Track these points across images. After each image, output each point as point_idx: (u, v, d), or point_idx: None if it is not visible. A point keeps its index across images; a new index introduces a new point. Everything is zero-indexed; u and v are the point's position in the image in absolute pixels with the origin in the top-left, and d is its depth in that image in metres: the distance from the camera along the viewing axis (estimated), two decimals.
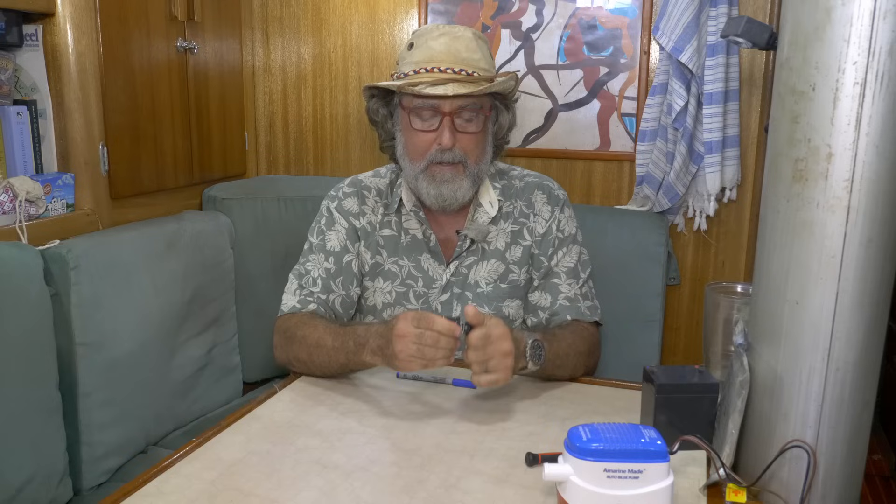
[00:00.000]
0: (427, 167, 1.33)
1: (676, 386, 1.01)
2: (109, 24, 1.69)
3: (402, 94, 1.33)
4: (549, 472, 0.85)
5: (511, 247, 1.43)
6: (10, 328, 1.31)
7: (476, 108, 1.32)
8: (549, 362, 1.21)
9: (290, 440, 1.07)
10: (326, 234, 1.43)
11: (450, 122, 1.30)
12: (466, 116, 1.31)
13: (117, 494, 0.93)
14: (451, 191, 1.33)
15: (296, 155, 2.44)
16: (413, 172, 1.35)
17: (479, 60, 1.32)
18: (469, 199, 1.37)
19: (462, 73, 1.29)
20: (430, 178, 1.33)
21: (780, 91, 0.89)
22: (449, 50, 1.30)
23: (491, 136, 1.39)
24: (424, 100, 1.30)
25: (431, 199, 1.35)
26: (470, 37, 1.33)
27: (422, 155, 1.33)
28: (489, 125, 1.37)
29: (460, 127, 1.31)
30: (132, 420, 1.58)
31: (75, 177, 1.65)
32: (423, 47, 1.32)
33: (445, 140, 1.30)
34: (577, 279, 1.42)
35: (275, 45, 2.38)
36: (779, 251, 0.90)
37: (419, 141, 1.33)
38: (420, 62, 1.31)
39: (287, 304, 1.39)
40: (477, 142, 1.34)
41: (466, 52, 1.31)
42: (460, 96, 1.28)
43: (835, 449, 0.88)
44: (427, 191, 1.34)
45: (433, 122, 1.31)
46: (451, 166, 1.32)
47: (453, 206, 1.36)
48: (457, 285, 1.42)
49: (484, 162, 1.37)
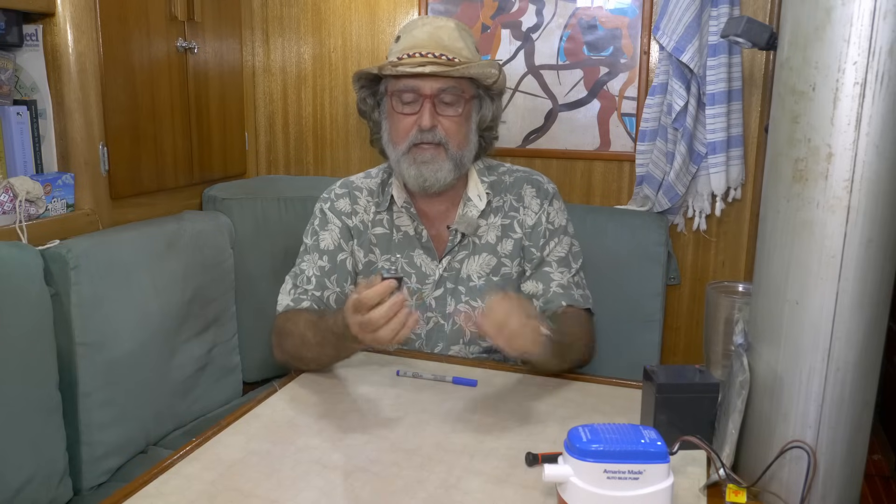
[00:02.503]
0: (409, 149, 1.36)
1: (676, 386, 1.01)
2: (109, 24, 1.69)
3: (386, 77, 1.37)
4: (549, 472, 0.85)
5: (502, 240, 1.45)
6: (10, 328, 1.31)
7: (457, 91, 1.35)
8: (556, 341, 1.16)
9: (290, 440, 1.07)
10: (320, 235, 1.45)
11: (430, 104, 1.33)
12: (447, 99, 1.34)
13: (117, 495, 0.93)
14: (432, 171, 1.35)
15: (296, 155, 2.44)
16: (396, 156, 1.38)
17: (461, 49, 1.35)
18: (451, 182, 1.39)
19: (443, 57, 1.32)
20: (412, 160, 1.36)
21: (780, 91, 0.89)
22: (431, 37, 1.34)
23: (475, 125, 1.41)
24: (406, 81, 1.33)
25: (412, 181, 1.37)
26: (453, 27, 1.37)
27: (404, 137, 1.36)
28: (472, 113, 1.40)
29: (441, 110, 1.34)
30: (132, 420, 1.58)
31: (75, 177, 1.65)
32: (408, 36, 1.37)
33: (425, 120, 1.32)
34: (569, 268, 1.44)
35: (275, 45, 2.38)
36: (779, 251, 0.90)
37: (402, 124, 1.36)
38: (403, 49, 1.35)
39: (282, 304, 1.41)
40: (458, 126, 1.36)
41: (449, 41, 1.35)
42: (438, 75, 1.31)
43: (835, 449, 0.88)
44: (408, 172, 1.37)
45: (415, 106, 1.34)
46: (431, 147, 1.35)
47: (435, 188, 1.37)
48: (450, 280, 1.44)
49: (467, 149, 1.39)
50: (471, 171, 1.46)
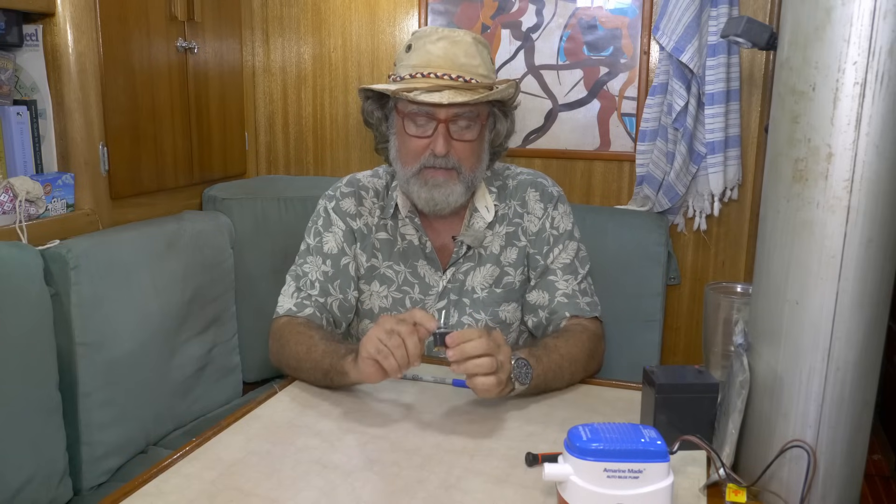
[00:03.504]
0: (420, 171, 1.31)
1: (676, 386, 1.01)
2: (109, 24, 1.69)
3: (397, 98, 1.31)
4: (549, 471, 0.85)
5: (506, 249, 1.41)
6: (10, 328, 1.31)
7: (472, 116, 1.29)
8: (540, 378, 1.19)
9: (290, 440, 1.07)
10: (324, 236, 1.41)
11: (445, 129, 1.27)
12: (462, 124, 1.29)
13: (117, 494, 0.93)
14: (444, 195, 1.31)
15: (296, 155, 2.44)
16: (405, 176, 1.33)
17: (477, 67, 1.29)
18: (462, 203, 1.35)
19: (459, 79, 1.26)
20: (423, 182, 1.31)
21: (780, 91, 0.89)
22: (447, 55, 1.27)
23: (487, 144, 1.36)
24: (419, 106, 1.27)
25: (423, 203, 1.33)
26: (469, 41, 1.29)
27: (415, 159, 1.31)
28: (486, 133, 1.35)
29: (455, 134, 1.29)
30: (132, 420, 1.58)
31: (75, 177, 1.65)
32: (421, 51, 1.29)
33: (439, 148, 1.27)
34: (575, 275, 1.40)
35: (275, 45, 2.38)
36: (779, 251, 0.90)
37: (413, 146, 1.30)
38: (417, 66, 1.28)
39: (283, 307, 1.37)
40: (472, 150, 1.31)
41: (465, 58, 1.28)
42: (456, 105, 1.26)
43: (835, 449, 0.88)
44: (419, 194, 1.32)
45: (427, 129, 1.29)
46: (444, 171, 1.30)
47: (445, 211, 1.34)
48: (453, 292, 1.40)
49: (479, 169, 1.35)
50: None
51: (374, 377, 1.10)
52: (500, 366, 1.08)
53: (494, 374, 1.07)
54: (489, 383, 1.07)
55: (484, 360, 1.07)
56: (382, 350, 1.07)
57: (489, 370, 1.07)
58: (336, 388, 1.24)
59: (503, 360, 1.09)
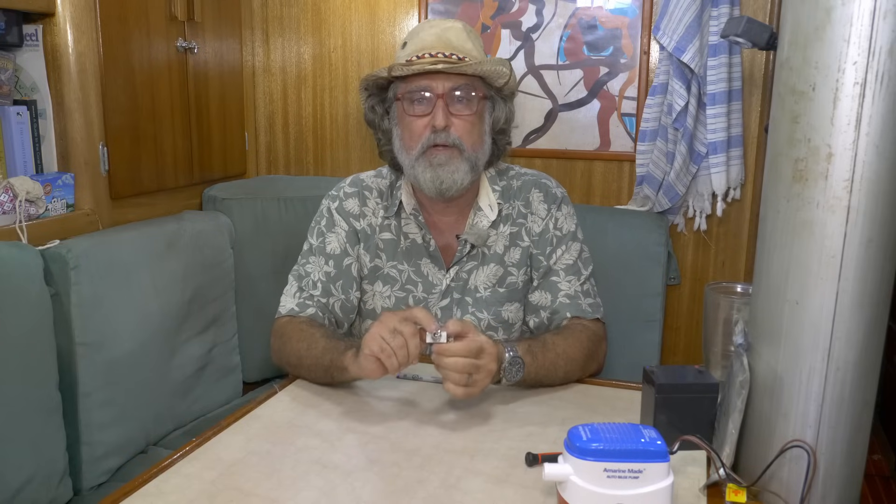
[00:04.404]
0: (423, 152, 1.31)
1: (676, 386, 1.01)
2: (109, 24, 1.69)
3: (395, 82, 1.34)
4: (549, 471, 0.85)
5: (510, 249, 1.41)
6: (10, 328, 1.31)
7: (469, 89, 1.31)
8: (531, 376, 1.21)
9: (290, 440, 1.07)
10: (326, 237, 1.41)
11: (443, 104, 1.29)
12: (459, 96, 1.30)
13: (117, 494, 0.93)
14: (449, 173, 1.31)
15: (296, 155, 2.44)
16: (410, 162, 1.33)
17: (470, 49, 1.33)
18: (467, 186, 1.34)
19: (453, 56, 1.30)
20: (427, 163, 1.31)
21: (780, 91, 0.89)
22: (440, 38, 1.31)
23: (488, 127, 1.37)
24: (417, 82, 1.29)
25: (429, 185, 1.32)
26: (460, 27, 1.34)
27: (417, 139, 1.31)
28: (485, 114, 1.36)
29: (454, 110, 1.30)
30: (132, 420, 1.58)
31: (75, 177, 1.65)
32: (415, 39, 1.34)
33: (439, 120, 1.28)
34: (578, 276, 1.40)
35: (275, 45, 2.38)
36: (779, 251, 0.90)
37: (414, 126, 1.31)
38: (412, 52, 1.32)
39: (285, 307, 1.38)
40: (472, 125, 1.32)
41: (457, 41, 1.32)
42: (450, 73, 1.28)
43: (835, 449, 0.88)
44: (424, 176, 1.32)
45: (427, 107, 1.30)
46: (446, 149, 1.30)
47: (452, 191, 1.32)
48: (457, 290, 1.41)
49: (482, 151, 1.35)
50: (482, 179, 1.42)
51: (375, 374, 1.11)
52: (472, 383, 1.10)
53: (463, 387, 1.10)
54: (457, 393, 1.10)
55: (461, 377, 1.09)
56: (386, 349, 1.08)
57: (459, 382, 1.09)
58: (336, 383, 1.25)
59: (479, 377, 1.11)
